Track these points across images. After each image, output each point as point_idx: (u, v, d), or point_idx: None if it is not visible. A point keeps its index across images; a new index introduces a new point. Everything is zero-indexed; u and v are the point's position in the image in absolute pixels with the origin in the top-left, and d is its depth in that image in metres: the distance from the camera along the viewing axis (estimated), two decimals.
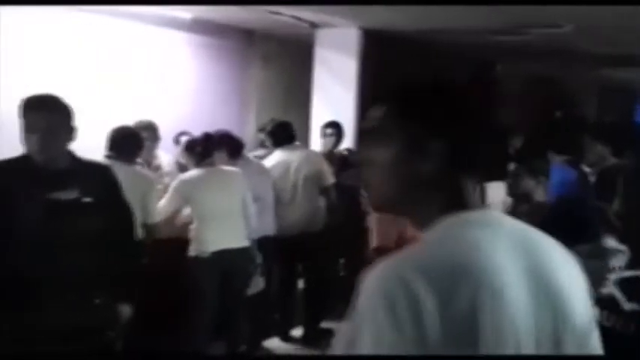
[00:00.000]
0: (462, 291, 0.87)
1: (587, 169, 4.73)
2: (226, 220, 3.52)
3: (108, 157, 3.29)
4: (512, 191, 3.18)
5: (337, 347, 0.94)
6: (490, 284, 0.90)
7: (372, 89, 5.65)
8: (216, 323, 3.57)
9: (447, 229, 0.97)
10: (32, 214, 2.14)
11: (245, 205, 3.61)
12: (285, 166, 4.18)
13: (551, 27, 5.03)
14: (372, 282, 0.90)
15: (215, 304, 3.51)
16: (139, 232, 3.09)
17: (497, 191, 3.94)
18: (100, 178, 2.38)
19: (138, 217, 2.97)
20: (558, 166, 4.65)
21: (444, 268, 0.89)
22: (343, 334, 0.94)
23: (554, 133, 6.08)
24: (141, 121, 4.12)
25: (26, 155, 2.22)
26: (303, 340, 4.27)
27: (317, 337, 4.18)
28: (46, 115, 2.16)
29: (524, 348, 0.93)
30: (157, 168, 4.30)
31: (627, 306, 1.72)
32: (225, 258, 3.46)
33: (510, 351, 0.91)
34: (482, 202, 1.03)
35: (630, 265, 1.76)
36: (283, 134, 4.28)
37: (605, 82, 10.56)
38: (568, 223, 2.67)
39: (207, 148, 3.63)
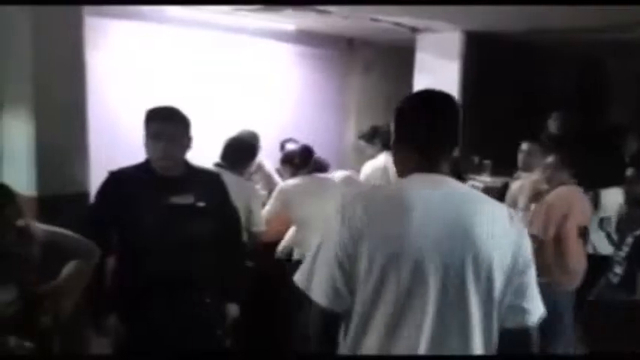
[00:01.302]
0: (385, 212, 1.43)
1: None
2: (321, 226, 3.56)
3: (218, 165, 3.46)
4: (629, 197, 3.00)
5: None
6: (405, 213, 1.41)
7: (475, 93, 5.54)
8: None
9: (400, 180, 1.55)
10: (152, 217, 2.30)
11: None
12: (385, 170, 4.23)
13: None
14: (342, 201, 1.50)
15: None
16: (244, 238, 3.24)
17: (613, 197, 3.72)
18: (211, 185, 2.52)
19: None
20: None
21: (380, 198, 1.50)
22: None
23: None
24: (244, 131, 4.29)
25: (147, 162, 2.39)
26: None
27: None
28: (171, 125, 2.33)
29: (428, 260, 1.38)
30: (257, 173, 4.45)
31: None
32: None
33: (411, 257, 1.38)
34: (442, 172, 1.51)
35: None
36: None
37: None
38: None
39: (304, 160, 3.74)
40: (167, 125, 2.32)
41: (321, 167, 4.03)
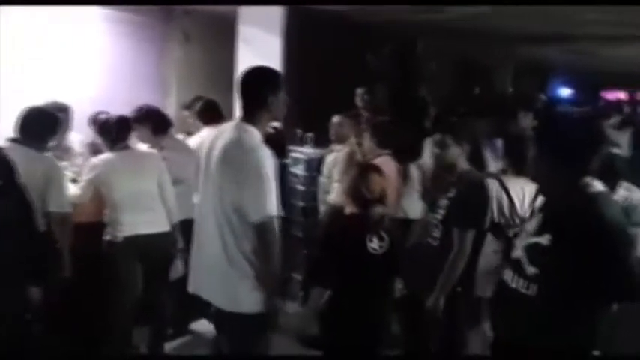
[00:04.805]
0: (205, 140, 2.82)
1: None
2: (141, 204, 3.40)
3: (12, 140, 3.09)
4: (439, 162, 3.17)
5: None
6: (210, 140, 2.54)
7: (297, 67, 5.62)
8: (140, 307, 3.49)
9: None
10: None
11: (162, 189, 3.49)
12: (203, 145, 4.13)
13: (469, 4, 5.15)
14: None
15: (137, 288, 3.43)
16: (43, 220, 3.03)
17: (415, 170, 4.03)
18: None
19: (39, 204, 2.93)
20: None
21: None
22: None
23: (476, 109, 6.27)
24: (54, 103, 3.91)
25: None
26: None
27: None
28: None
29: (207, 169, 2.47)
30: (67, 150, 4.10)
31: (529, 270, 1.80)
32: (141, 243, 3.36)
33: (204, 166, 2.49)
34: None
35: (536, 232, 1.83)
36: (212, 113, 4.24)
37: (520, 60, 10.98)
38: None
39: (121, 131, 3.49)
40: None
41: (164, 124, 3.88)
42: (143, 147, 3.76)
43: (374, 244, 2.73)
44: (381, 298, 2.82)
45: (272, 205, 2.29)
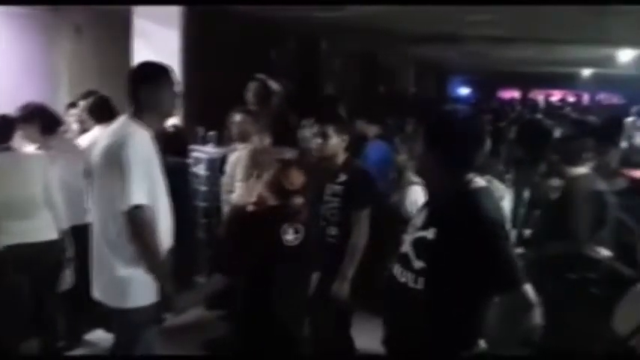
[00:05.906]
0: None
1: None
2: (24, 210, 3.18)
3: None
4: (319, 152, 3.20)
5: None
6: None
7: (197, 64, 5.50)
8: (29, 319, 3.28)
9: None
10: None
11: (49, 193, 3.27)
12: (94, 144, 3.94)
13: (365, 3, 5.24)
14: None
15: (22, 301, 3.20)
16: None
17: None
18: None
19: None
20: (375, 144, 4.88)
21: None
22: None
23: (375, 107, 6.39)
24: None
25: None
26: None
27: None
28: None
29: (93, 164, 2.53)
30: None
31: (417, 264, 1.84)
32: (25, 253, 3.14)
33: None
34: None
35: (422, 227, 1.87)
36: (103, 110, 4.03)
37: (419, 60, 11.37)
38: None
39: (2, 131, 3.25)
40: None
41: (53, 123, 3.68)
42: (29, 148, 3.52)
43: (289, 236, 2.70)
44: (295, 291, 2.80)
45: (139, 194, 2.34)
